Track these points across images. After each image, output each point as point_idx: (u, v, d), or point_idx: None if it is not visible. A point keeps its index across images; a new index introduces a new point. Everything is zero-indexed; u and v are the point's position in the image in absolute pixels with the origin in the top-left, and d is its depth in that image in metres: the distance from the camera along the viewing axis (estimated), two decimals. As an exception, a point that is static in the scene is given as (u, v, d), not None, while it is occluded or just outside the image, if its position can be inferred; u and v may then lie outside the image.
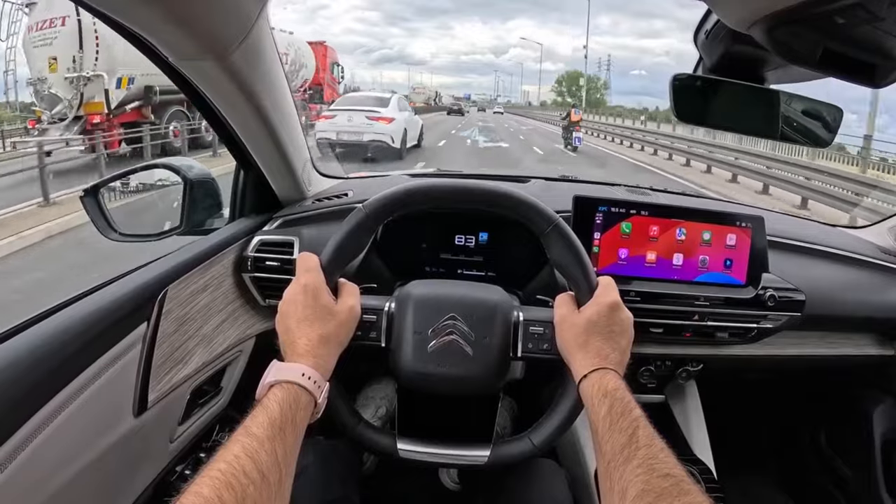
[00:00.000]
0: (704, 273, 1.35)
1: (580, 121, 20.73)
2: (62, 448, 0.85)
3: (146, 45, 0.94)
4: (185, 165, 1.42)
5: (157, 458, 1.15)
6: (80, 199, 1.37)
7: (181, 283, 1.13)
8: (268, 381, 0.80)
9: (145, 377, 1.03)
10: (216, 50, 0.95)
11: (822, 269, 1.54)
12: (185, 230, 1.40)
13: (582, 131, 20.93)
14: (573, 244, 0.97)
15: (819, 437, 1.91)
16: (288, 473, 0.72)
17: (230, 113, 1.18)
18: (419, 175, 1.83)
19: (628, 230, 1.32)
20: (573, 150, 19.54)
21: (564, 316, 0.94)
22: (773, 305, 1.35)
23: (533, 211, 0.98)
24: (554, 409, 1.00)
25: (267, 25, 1.04)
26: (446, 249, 1.43)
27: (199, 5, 0.84)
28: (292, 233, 1.40)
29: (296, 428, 0.76)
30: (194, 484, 0.62)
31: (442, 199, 1.02)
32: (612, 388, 0.83)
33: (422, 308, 1.01)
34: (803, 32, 0.74)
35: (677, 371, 1.53)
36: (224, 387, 1.36)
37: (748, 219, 1.35)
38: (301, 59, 21.33)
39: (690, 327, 1.35)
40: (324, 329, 0.87)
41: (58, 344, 0.87)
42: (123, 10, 0.83)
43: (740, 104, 1.06)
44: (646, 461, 0.72)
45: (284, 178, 1.44)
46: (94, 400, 0.91)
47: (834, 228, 1.86)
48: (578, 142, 19.69)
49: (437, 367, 0.99)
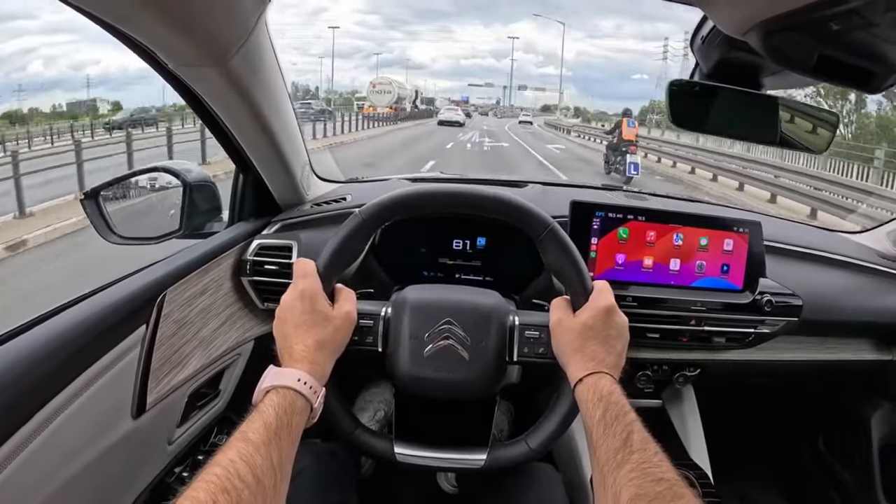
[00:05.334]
0: (701, 278, 1.35)
1: (636, 139, 13.83)
2: (61, 449, 0.86)
3: (145, 51, 0.94)
4: (184, 169, 1.42)
5: (155, 460, 1.15)
6: (80, 201, 1.37)
7: (180, 287, 1.14)
8: (264, 386, 0.80)
9: (144, 379, 1.04)
10: (215, 56, 0.96)
11: (820, 274, 1.54)
12: (184, 233, 1.40)
13: (639, 154, 14.16)
14: (568, 248, 0.97)
15: (817, 442, 1.91)
16: (283, 478, 0.72)
17: (229, 118, 1.18)
18: (418, 179, 1.83)
19: (625, 235, 1.32)
20: (626, 180, 12.44)
21: (560, 320, 0.95)
22: (770, 310, 1.35)
23: (528, 215, 0.99)
24: (550, 413, 1.00)
25: (266, 31, 1.04)
26: (444, 254, 1.44)
27: (197, 12, 0.84)
28: (291, 237, 1.41)
29: (291, 433, 0.76)
30: (190, 488, 0.63)
31: (438, 204, 1.03)
32: (607, 392, 0.83)
33: (418, 313, 1.02)
34: (799, 38, 0.75)
35: (674, 376, 1.53)
36: (222, 389, 1.36)
37: (745, 224, 1.35)
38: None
39: (687, 332, 1.35)
40: (320, 335, 0.88)
41: (58, 345, 0.88)
42: (122, 17, 0.83)
43: (737, 110, 1.06)
44: (639, 465, 0.72)
45: (284, 182, 1.45)
46: (93, 402, 0.91)
47: (832, 233, 1.86)
48: (634, 170, 12.97)
49: (434, 371, 0.99)
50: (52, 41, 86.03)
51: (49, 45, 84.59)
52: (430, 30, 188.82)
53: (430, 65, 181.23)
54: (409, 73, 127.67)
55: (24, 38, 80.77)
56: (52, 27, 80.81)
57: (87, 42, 77.35)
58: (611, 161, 14.25)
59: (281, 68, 1.19)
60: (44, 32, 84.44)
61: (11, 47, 74.65)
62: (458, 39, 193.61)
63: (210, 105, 1.13)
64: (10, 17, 72.94)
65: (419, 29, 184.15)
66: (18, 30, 76.68)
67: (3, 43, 61.75)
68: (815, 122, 1.12)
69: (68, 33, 79.48)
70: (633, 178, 12.77)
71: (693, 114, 1.08)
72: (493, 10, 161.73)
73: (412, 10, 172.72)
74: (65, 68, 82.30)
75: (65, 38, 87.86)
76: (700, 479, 1.42)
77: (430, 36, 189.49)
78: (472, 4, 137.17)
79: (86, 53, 78.53)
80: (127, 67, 61.77)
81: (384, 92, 51.28)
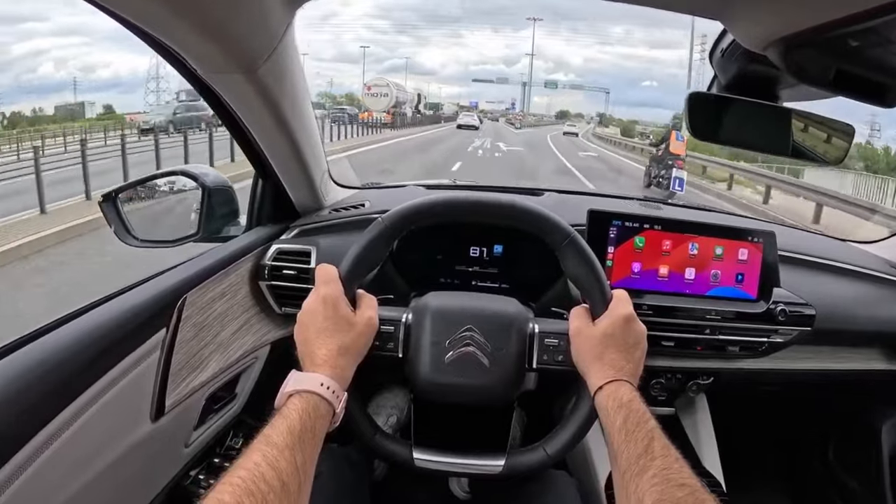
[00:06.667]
0: (716, 287, 1.36)
1: (684, 154, 13.01)
2: (82, 451, 0.87)
3: (176, 57, 0.96)
4: (202, 173, 1.43)
5: (172, 462, 1.16)
6: (98, 204, 1.39)
7: (200, 290, 1.15)
8: (287, 390, 0.81)
9: (163, 382, 1.05)
10: (244, 64, 0.97)
11: (833, 284, 1.54)
12: (201, 237, 1.41)
13: (686, 169, 13.16)
14: (589, 258, 0.98)
15: (827, 451, 1.90)
16: (307, 482, 0.73)
17: (254, 125, 1.19)
18: (434, 186, 1.84)
19: (641, 244, 1.33)
20: (668, 195, 11.02)
21: (580, 328, 0.96)
22: (783, 320, 1.36)
23: (550, 225, 1.00)
24: (568, 420, 1.00)
25: (293, 40, 1.05)
26: (461, 261, 1.44)
27: (228, 20, 0.86)
28: (309, 242, 1.42)
29: (315, 437, 0.77)
30: (215, 490, 0.63)
31: (461, 213, 1.04)
32: (627, 400, 0.84)
33: (439, 319, 1.03)
34: (817, 54, 0.76)
35: (688, 384, 1.52)
36: (239, 393, 1.37)
37: (760, 234, 1.36)
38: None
39: (702, 341, 1.36)
40: (342, 340, 0.88)
41: (81, 347, 0.89)
42: (156, 23, 0.85)
43: (753, 121, 1.07)
44: (661, 471, 0.73)
45: (303, 188, 1.46)
46: (113, 403, 0.92)
47: (845, 243, 1.86)
48: (679, 186, 12.15)
49: (454, 377, 1.00)
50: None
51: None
52: (440, 35, 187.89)
53: (439, 70, 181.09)
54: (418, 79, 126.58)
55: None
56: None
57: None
58: (653, 174, 13.68)
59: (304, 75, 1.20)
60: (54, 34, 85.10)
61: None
62: (467, 45, 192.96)
63: (235, 111, 1.14)
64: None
65: (429, 34, 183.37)
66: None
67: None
68: (830, 133, 1.12)
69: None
70: (676, 193, 11.75)
71: (709, 125, 1.09)
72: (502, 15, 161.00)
73: (421, 14, 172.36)
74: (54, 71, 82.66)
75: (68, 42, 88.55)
76: (712, 487, 1.42)
77: (439, 41, 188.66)
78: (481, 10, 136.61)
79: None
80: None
81: (380, 95, 46.89)
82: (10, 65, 72.54)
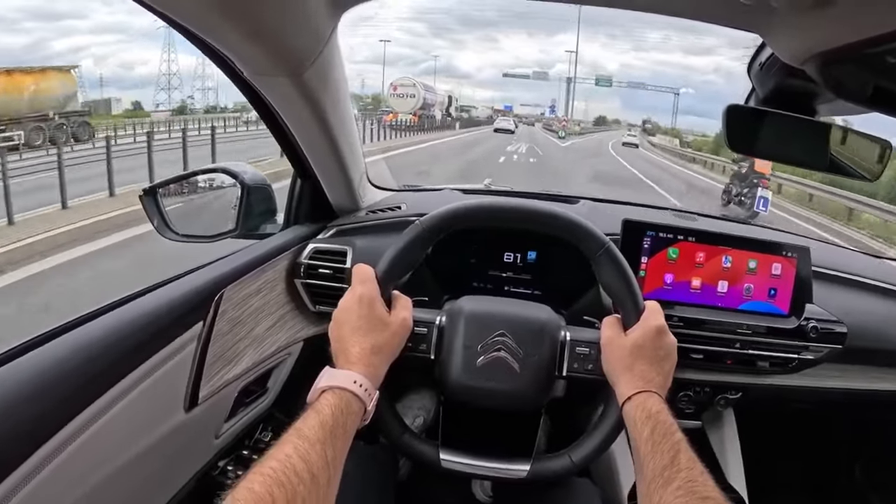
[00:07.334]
0: (748, 301, 1.34)
1: (769, 172, 11.86)
2: (116, 437, 0.89)
3: (222, 58, 0.98)
4: (242, 170, 1.46)
5: (202, 452, 1.19)
6: (139, 198, 1.41)
7: (237, 286, 1.17)
8: (320, 385, 0.82)
9: (198, 374, 1.08)
10: (291, 67, 0.99)
11: (866, 302, 1.51)
12: (239, 233, 1.43)
13: (770, 188, 11.97)
14: (623, 268, 0.99)
15: (854, 471, 1.87)
16: (336, 476, 0.74)
17: (296, 125, 1.21)
18: (469, 191, 1.85)
19: (675, 256, 1.33)
20: (751, 215, 10.54)
21: (611, 338, 0.96)
22: (815, 337, 1.33)
23: (586, 234, 1.01)
24: (595, 429, 1.01)
25: (338, 44, 1.07)
26: (494, 266, 1.45)
27: (275, 24, 0.88)
28: (346, 242, 1.44)
29: (345, 433, 0.78)
30: (245, 480, 0.65)
31: (499, 218, 1.05)
32: (656, 411, 0.84)
33: (472, 323, 1.04)
34: (856, 70, 0.76)
35: (716, 398, 1.51)
36: (270, 388, 1.40)
37: (794, 249, 1.34)
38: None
39: (731, 355, 1.34)
40: (377, 339, 0.90)
41: (120, 337, 0.92)
42: (205, 26, 0.87)
43: (790, 135, 1.06)
44: (686, 483, 0.73)
45: (341, 189, 1.48)
46: (149, 393, 0.95)
47: (879, 260, 1.82)
48: (764, 206, 10.91)
49: (485, 381, 1.01)
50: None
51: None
52: (475, 38, 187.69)
53: (475, 74, 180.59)
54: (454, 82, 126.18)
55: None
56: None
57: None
58: (733, 192, 12.51)
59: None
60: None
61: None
62: (503, 49, 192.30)
63: (278, 112, 1.16)
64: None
65: (464, 37, 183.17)
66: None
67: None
68: (868, 148, 1.11)
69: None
70: (759, 214, 10.70)
71: (747, 137, 1.08)
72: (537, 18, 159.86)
73: (456, 17, 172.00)
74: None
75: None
76: (736, 502, 1.41)
77: (474, 45, 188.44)
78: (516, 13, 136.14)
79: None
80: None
81: (407, 95, 43.41)
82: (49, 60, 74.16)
